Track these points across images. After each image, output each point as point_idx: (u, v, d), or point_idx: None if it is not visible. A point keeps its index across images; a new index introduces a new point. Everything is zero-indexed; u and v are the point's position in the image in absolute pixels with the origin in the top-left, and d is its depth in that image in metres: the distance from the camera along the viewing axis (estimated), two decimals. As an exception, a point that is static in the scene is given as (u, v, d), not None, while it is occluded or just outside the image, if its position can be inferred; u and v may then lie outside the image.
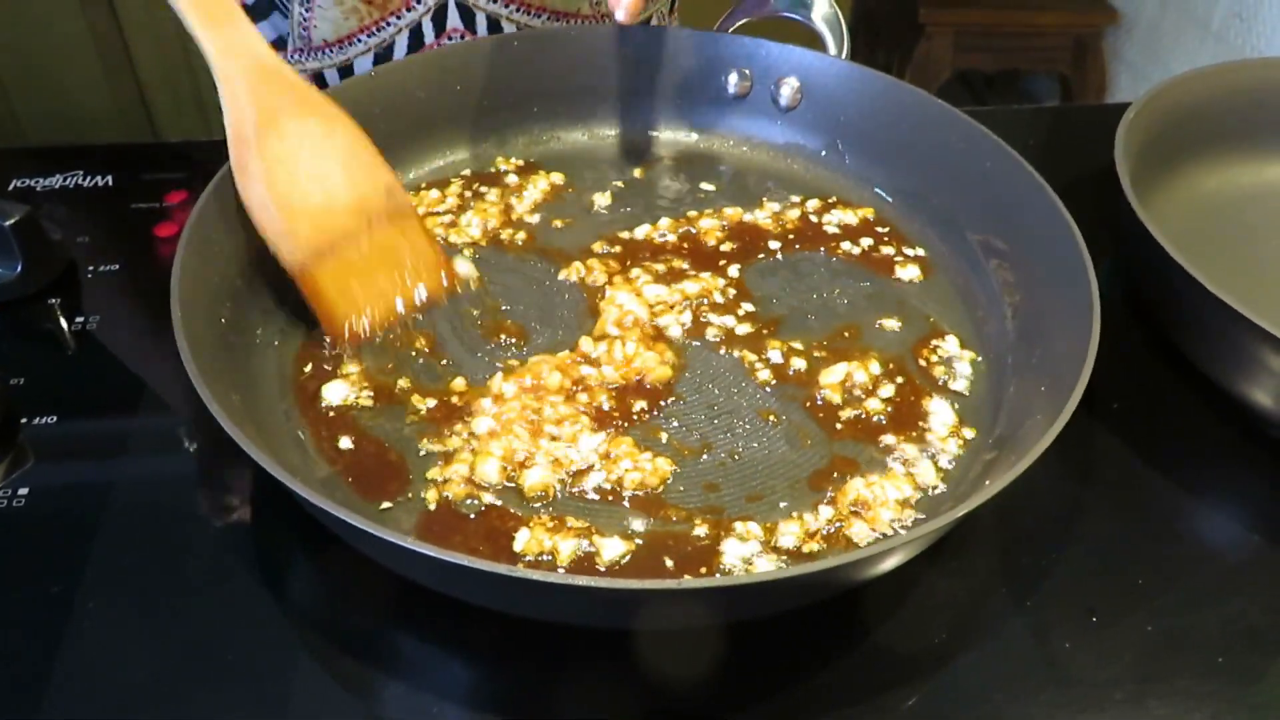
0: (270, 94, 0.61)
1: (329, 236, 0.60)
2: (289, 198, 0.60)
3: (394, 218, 0.63)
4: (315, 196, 0.61)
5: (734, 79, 0.82)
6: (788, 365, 0.65)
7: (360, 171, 0.63)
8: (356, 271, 0.61)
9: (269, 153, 0.60)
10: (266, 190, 0.59)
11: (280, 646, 0.53)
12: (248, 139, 0.60)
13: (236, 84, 0.61)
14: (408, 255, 0.63)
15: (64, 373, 0.66)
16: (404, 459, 0.58)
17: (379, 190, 0.63)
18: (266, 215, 0.60)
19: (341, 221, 0.61)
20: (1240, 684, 0.53)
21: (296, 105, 0.62)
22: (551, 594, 0.46)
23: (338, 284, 0.61)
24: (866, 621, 0.55)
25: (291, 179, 0.60)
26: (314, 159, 0.61)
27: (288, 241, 0.60)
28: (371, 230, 0.62)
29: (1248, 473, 0.65)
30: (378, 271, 0.62)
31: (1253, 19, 1.95)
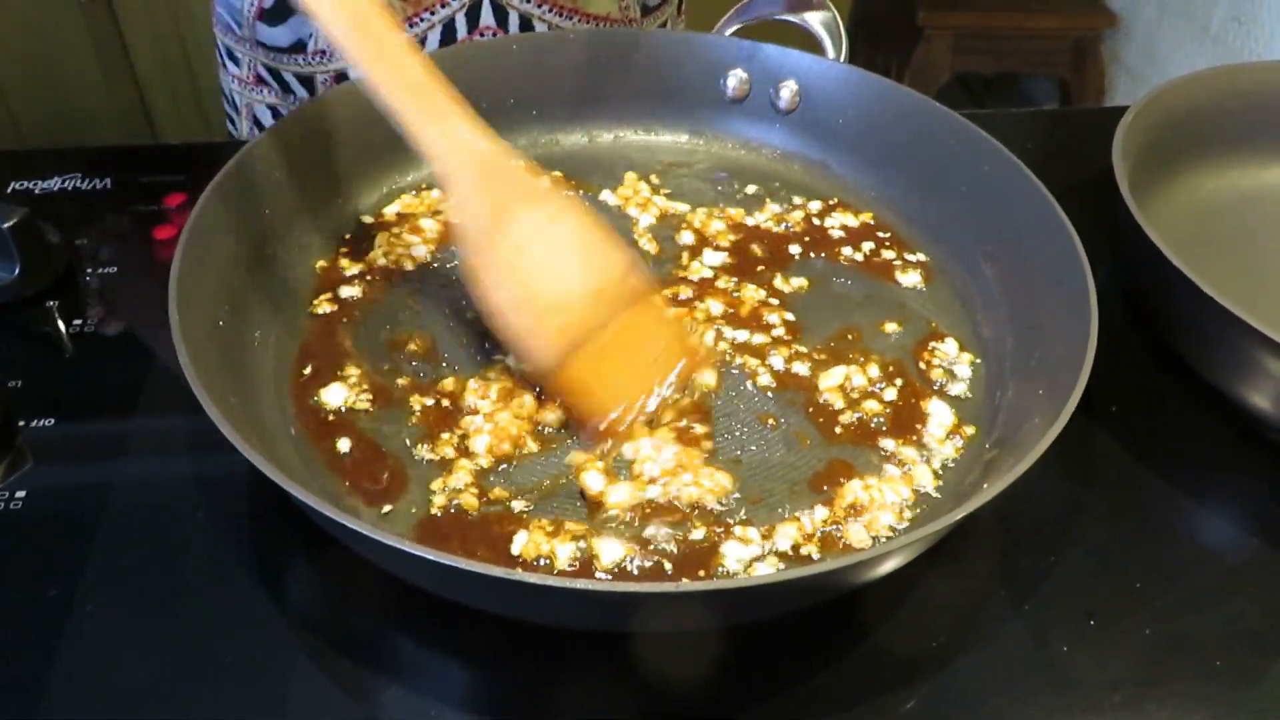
0: (498, 188, 0.57)
1: (575, 330, 0.57)
2: (531, 297, 0.57)
3: (636, 299, 0.60)
4: (554, 288, 0.57)
5: (733, 82, 0.82)
6: (788, 368, 0.65)
7: (596, 256, 0.59)
8: (607, 360, 0.58)
9: (503, 246, 0.56)
10: (508, 290, 0.56)
11: (278, 649, 0.53)
12: (481, 242, 0.56)
13: (463, 178, 0.57)
14: (654, 335, 0.60)
15: (62, 375, 0.66)
16: (402, 462, 0.58)
17: (617, 273, 0.59)
18: (513, 316, 0.57)
19: (586, 313, 0.57)
20: (1239, 686, 0.53)
21: (525, 197, 0.58)
22: (549, 597, 0.46)
23: (590, 377, 0.57)
24: (865, 624, 0.55)
25: (529, 272, 0.57)
26: (550, 251, 0.57)
27: (537, 342, 0.57)
28: (616, 316, 0.58)
29: (1246, 475, 0.65)
30: (627, 356, 0.59)
31: (1251, 22, 1.95)
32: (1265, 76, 0.85)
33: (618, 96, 0.83)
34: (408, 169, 0.79)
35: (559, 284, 0.58)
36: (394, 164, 0.78)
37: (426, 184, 0.79)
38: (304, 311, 0.67)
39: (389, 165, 0.78)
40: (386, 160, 0.77)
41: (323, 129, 0.72)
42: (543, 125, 0.83)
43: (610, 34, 0.84)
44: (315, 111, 0.72)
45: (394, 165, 0.78)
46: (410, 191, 0.77)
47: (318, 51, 0.91)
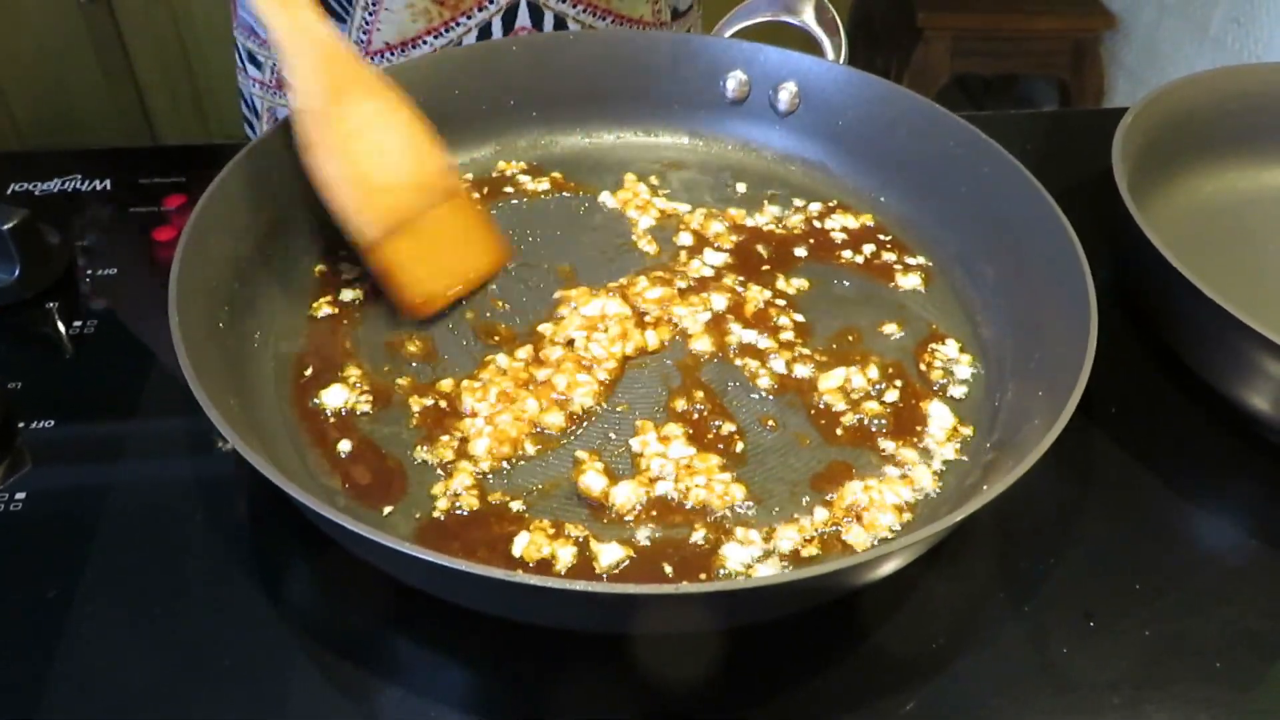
0: (337, 73, 0.63)
1: (396, 213, 0.63)
2: (359, 174, 0.63)
3: (450, 196, 0.66)
4: (382, 173, 0.63)
5: (732, 83, 0.82)
6: (789, 370, 0.65)
7: (419, 152, 0.66)
8: (422, 247, 0.64)
9: (339, 129, 0.62)
10: (340, 165, 0.62)
11: (278, 650, 0.53)
12: (317, 114, 0.62)
13: (304, 61, 0.62)
14: (466, 231, 0.67)
15: (62, 377, 0.66)
16: (403, 464, 0.58)
17: (437, 170, 0.66)
18: (340, 191, 0.63)
19: (406, 199, 0.64)
20: (1238, 688, 0.53)
21: (361, 85, 0.64)
22: (549, 599, 0.46)
23: (407, 260, 0.63)
24: (864, 626, 0.55)
25: (360, 156, 0.63)
26: (379, 138, 0.64)
27: (361, 217, 0.63)
28: (432, 208, 0.65)
29: (1245, 477, 0.65)
30: (442, 247, 0.65)
31: (1250, 24, 1.95)
32: (1265, 78, 0.85)
33: (618, 98, 0.83)
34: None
35: (384, 167, 0.64)
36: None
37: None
38: (304, 313, 0.67)
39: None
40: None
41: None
42: (543, 126, 0.83)
43: (610, 35, 0.84)
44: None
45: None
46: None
47: None
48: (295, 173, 0.69)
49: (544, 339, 0.66)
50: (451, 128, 0.79)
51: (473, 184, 0.78)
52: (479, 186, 0.78)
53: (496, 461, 0.58)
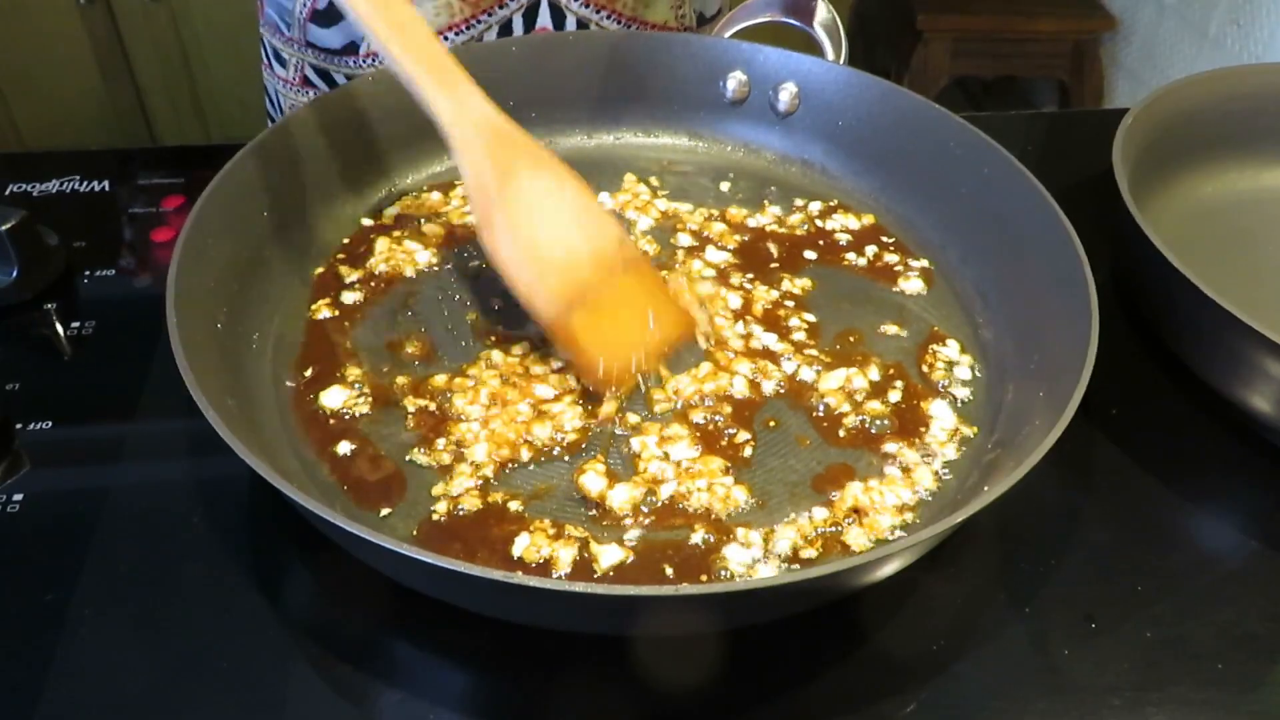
0: (505, 152, 0.62)
1: (576, 288, 0.62)
2: (536, 251, 0.62)
3: (629, 267, 0.64)
4: (559, 249, 0.62)
5: (732, 84, 0.82)
6: (795, 372, 0.65)
7: (593, 223, 0.64)
8: (605, 319, 0.62)
9: (513, 208, 0.61)
10: (514, 245, 0.61)
11: (276, 653, 0.53)
12: (490, 196, 0.61)
13: (473, 143, 0.61)
14: (647, 301, 0.64)
15: (60, 378, 0.66)
16: (401, 466, 0.58)
17: (612, 241, 0.64)
18: (519, 270, 0.62)
19: (584, 273, 0.62)
20: (1239, 691, 0.53)
21: (531, 162, 0.63)
22: (549, 601, 0.46)
23: (589, 333, 0.61)
24: (864, 628, 0.55)
25: (535, 233, 0.62)
26: (552, 213, 0.63)
27: (541, 294, 0.61)
28: (611, 280, 0.63)
29: (1246, 478, 0.65)
30: (624, 318, 0.63)
31: (1250, 25, 1.95)
32: (1264, 79, 0.85)
33: (617, 98, 0.83)
34: (406, 172, 0.79)
35: (560, 243, 0.62)
36: (393, 167, 0.78)
37: (427, 184, 0.78)
38: (303, 314, 0.67)
39: (387, 168, 0.78)
40: (386, 163, 0.77)
41: (321, 131, 0.72)
42: (542, 127, 0.83)
43: (610, 36, 0.84)
44: (313, 114, 0.72)
45: (393, 168, 0.78)
46: (410, 194, 0.77)
47: (370, 54, 0.92)
48: (292, 174, 0.69)
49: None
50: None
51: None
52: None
53: (496, 464, 0.58)
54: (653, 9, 0.93)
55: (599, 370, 0.61)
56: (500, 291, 0.69)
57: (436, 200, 0.77)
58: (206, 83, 2.15)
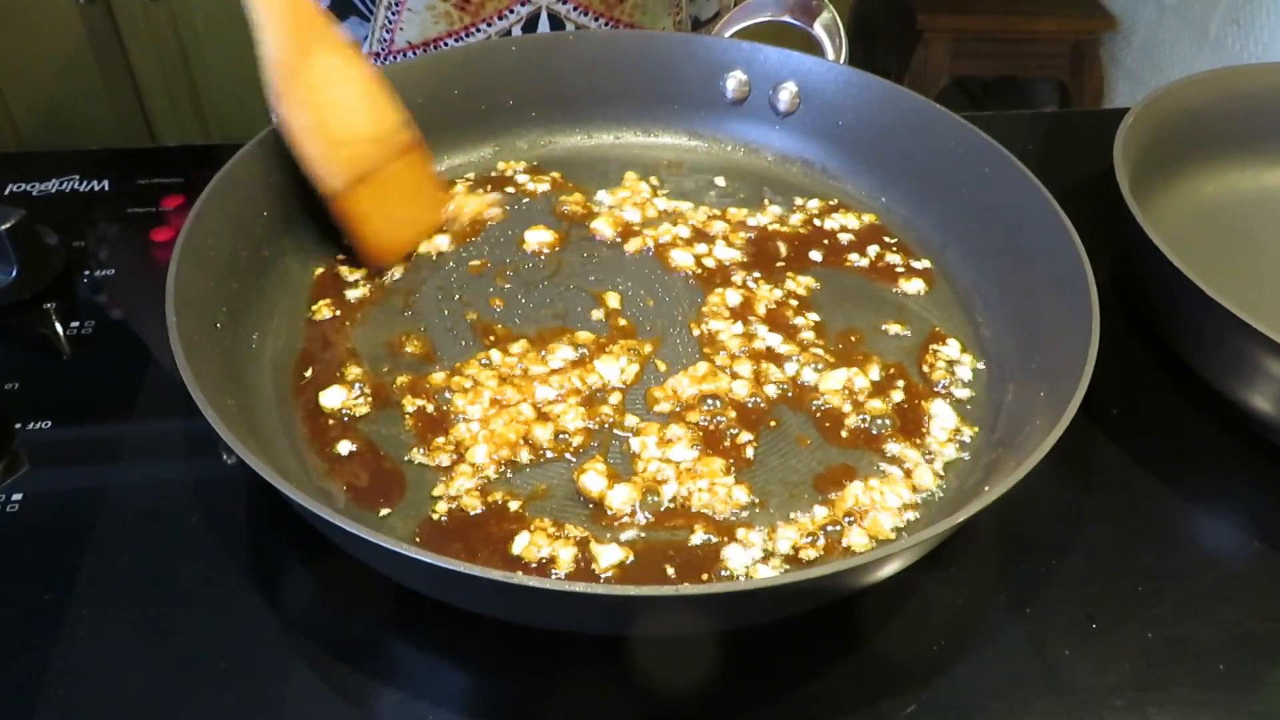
0: (304, 27, 0.65)
1: (360, 164, 0.66)
2: (326, 124, 0.65)
3: (408, 150, 0.69)
4: (347, 125, 0.66)
5: (732, 84, 0.82)
6: (798, 372, 0.65)
7: (380, 105, 0.68)
8: (383, 199, 0.67)
9: (305, 81, 0.65)
10: (307, 116, 0.64)
11: (275, 654, 0.52)
12: (289, 66, 0.64)
13: (273, 12, 0.64)
14: (422, 185, 0.70)
15: (59, 378, 0.66)
16: (400, 466, 0.58)
17: (396, 123, 0.68)
18: (310, 142, 0.65)
19: (368, 150, 0.66)
20: (1240, 691, 0.53)
21: (326, 39, 0.66)
22: (548, 601, 0.46)
23: (369, 210, 0.66)
24: (864, 629, 0.55)
25: (327, 107, 0.65)
26: (342, 91, 0.66)
27: (328, 166, 0.65)
28: (388, 160, 0.67)
29: (1247, 479, 0.65)
30: (400, 200, 0.68)
31: (1250, 25, 1.95)
32: (1264, 79, 0.85)
33: (617, 98, 0.83)
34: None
35: (347, 120, 0.66)
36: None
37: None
38: (303, 315, 0.67)
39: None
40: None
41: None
42: (542, 126, 0.83)
43: (610, 35, 0.84)
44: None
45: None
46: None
47: (372, 55, 0.91)
48: (293, 173, 0.69)
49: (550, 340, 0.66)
50: (451, 128, 0.79)
51: (473, 183, 0.78)
52: (480, 186, 0.78)
53: (496, 464, 0.58)
54: (651, 16, 0.93)
55: (374, 244, 0.67)
56: (500, 291, 0.69)
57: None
58: (206, 83, 2.15)
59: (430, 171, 0.71)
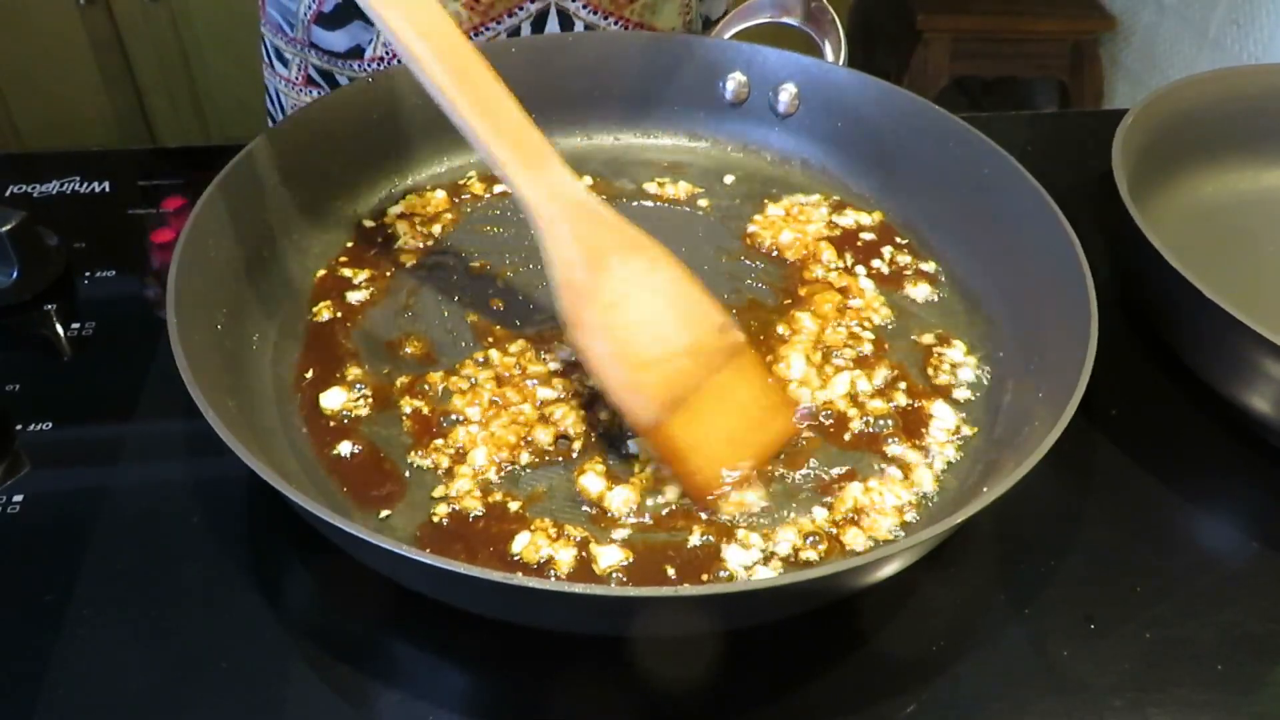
0: (595, 235, 0.56)
1: (675, 387, 0.55)
2: (629, 346, 0.55)
3: (730, 356, 0.58)
4: (652, 342, 0.55)
5: (732, 85, 0.82)
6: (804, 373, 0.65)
7: (692, 309, 0.57)
8: (706, 419, 0.55)
9: (603, 298, 0.55)
10: (608, 342, 0.55)
11: (276, 654, 0.52)
12: (580, 290, 0.55)
13: (559, 227, 0.56)
14: (754, 395, 0.58)
15: (60, 379, 0.66)
16: (400, 467, 0.58)
17: (712, 326, 0.57)
18: (612, 370, 0.55)
19: (681, 365, 0.55)
20: (1239, 692, 0.53)
21: (621, 245, 0.57)
22: (547, 601, 0.46)
23: (691, 436, 0.55)
24: (864, 629, 0.55)
25: (628, 326, 0.55)
26: (646, 301, 0.56)
27: (637, 397, 0.55)
28: (711, 373, 0.56)
29: (1246, 479, 0.65)
30: (726, 416, 0.56)
31: (1250, 25, 1.95)
32: (1264, 79, 0.85)
33: (617, 99, 0.83)
34: (407, 172, 0.79)
35: (657, 337, 0.56)
36: (394, 167, 0.78)
37: (429, 186, 0.78)
38: (303, 315, 0.67)
39: (389, 168, 0.78)
40: (386, 163, 0.77)
41: (322, 132, 0.72)
42: (542, 128, 0.82)
43: (609, 36, 0.84)
44: (314, 114, 0.72)
45: (394, 168, 0.78)
46: (412, 193, 0.77)
47: (375, 58, 0.92)
48: (294, 174, 0.69)
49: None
50: (451, 129, 0.79)
51: (475, 182, 0.78)
52: (479, 187, 0.78)
53: (496, 465, 0.58)
54: (661, 15, 0.93)
55: (702, 476, 0.56)
56: (500, 292, 0.70)
57: (440, 199, 0.77)
58: (206, 83, 2.15)
59: (764, 376, 0.60)
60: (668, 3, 0.93)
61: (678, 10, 0.94)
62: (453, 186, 0.78)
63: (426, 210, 0.76)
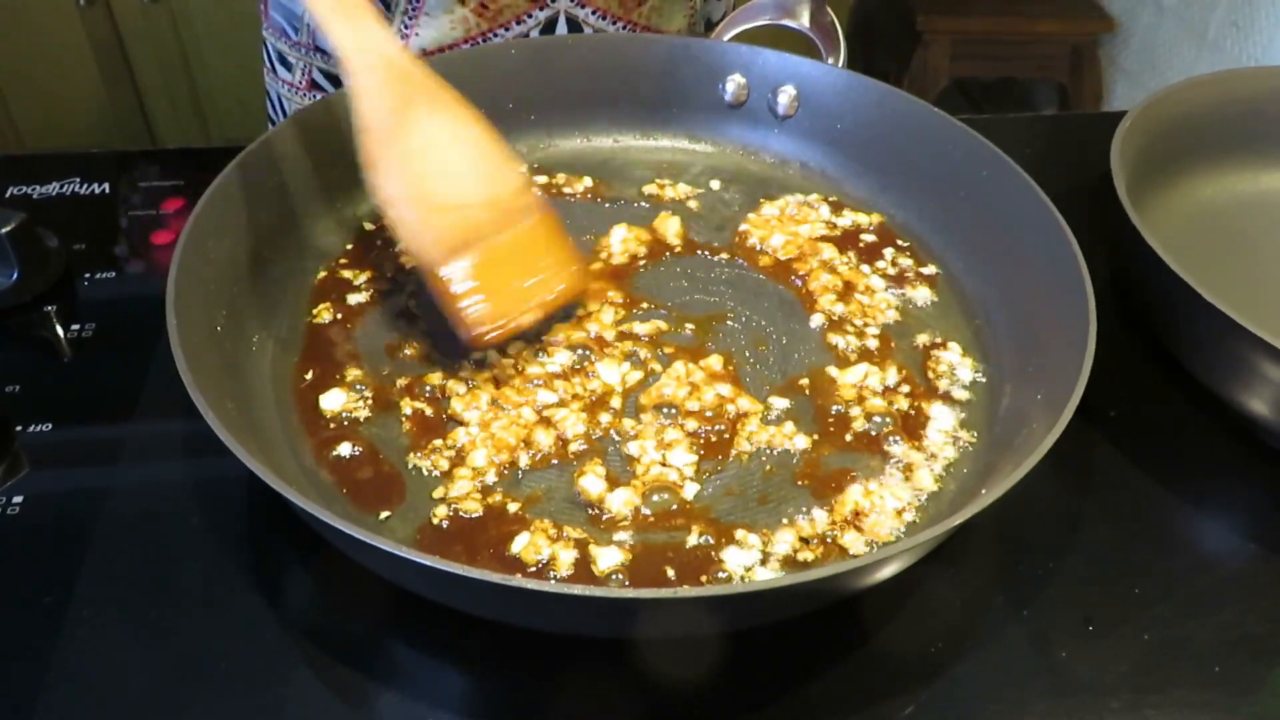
0: (403, 89, 0.60)
1: (463, 234, 0.59)
2: (423, 192, 0.59)
3: (525, 215, 0.62)
4: (449, 192, 0.60)
5: (731, 87, 0.82)
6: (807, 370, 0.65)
7: (493, 168, 0.62)
8: (490, 272, 0.59)
9: (404, 144, 0.59)
10: (401, 182, 0.59)
11: (275, 656, 0.53)
12: (381, 133, 0.59)
13: (369, 77, 0.60)
14: (542, 254, 0.62)
15: (59, 380, 0.66)
16: (399, 469, 0.58)
17: (512, 188, 0.62)
18: (403, 210, 0.59)
19: (475, 215, 0.60)
20: (1238, 693, 0.53)
21: (429, 100, 0.61)
22: (547, 603, 0.46)
23: (470, 278, 0.59)
24: (863, 630, 0.55)
25: (425, 174, 0.59)
26: (447, 154, 0.60)
27: (422, 238, 0.59)
28: (504, 227, 0.60)
29: (1244, 481, 0.65)
30: (511, 271, 0.61)
31: (1249, 28, 1.96)
32: (1263, 82, 0.85)
33: (616, 101, 0.83)
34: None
35: (451, 186, 0.60)
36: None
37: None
38: (303, 317, 0.67)
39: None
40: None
41: (323, 133, 0.72)
42: (541, 129, 0.83)
43: (609, 39, 0.84)
44: (315, 116, 0.72)
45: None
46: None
47: None
48: (293, 176, 0.69)
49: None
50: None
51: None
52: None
53: (496, 467, 0.58)
54: (667, 19, 0.93)
55: (475, 321, 0.60)
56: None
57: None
58: (206, 83, 2.15)
59: (553, 238, 0.63)
60: (674, 6, 0.93)
61: (683, 13, 0.94)
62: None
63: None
